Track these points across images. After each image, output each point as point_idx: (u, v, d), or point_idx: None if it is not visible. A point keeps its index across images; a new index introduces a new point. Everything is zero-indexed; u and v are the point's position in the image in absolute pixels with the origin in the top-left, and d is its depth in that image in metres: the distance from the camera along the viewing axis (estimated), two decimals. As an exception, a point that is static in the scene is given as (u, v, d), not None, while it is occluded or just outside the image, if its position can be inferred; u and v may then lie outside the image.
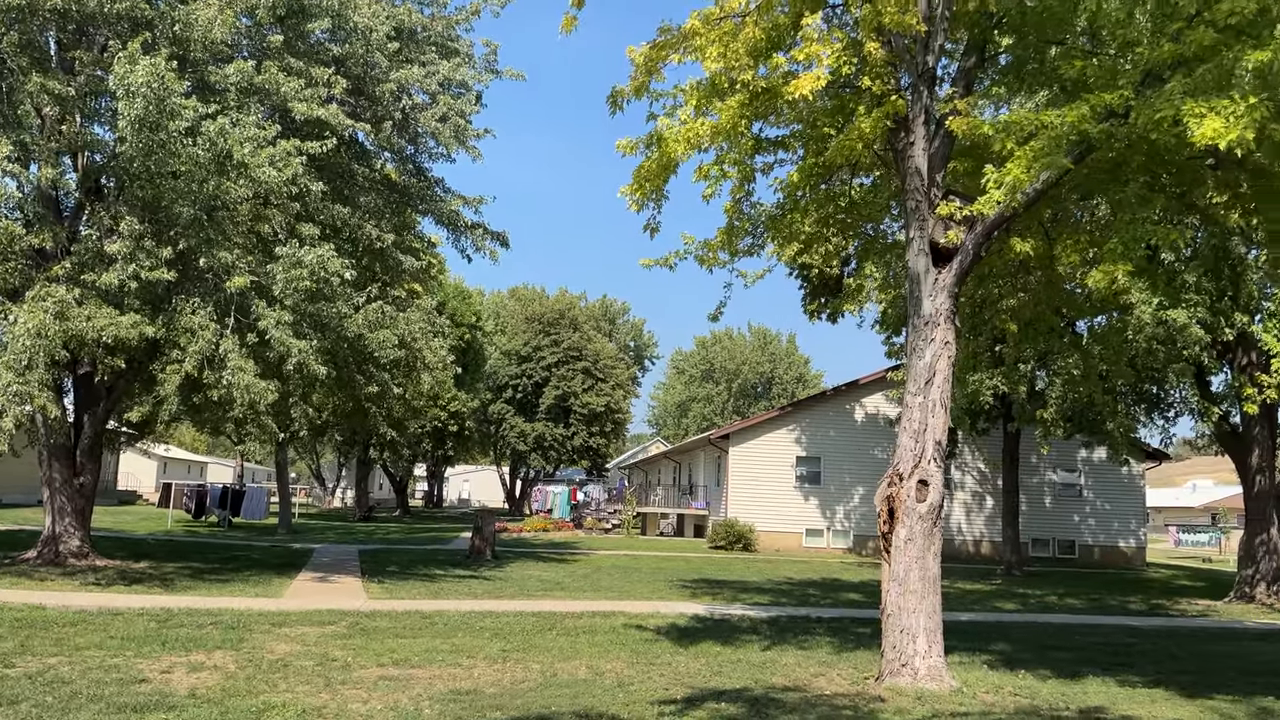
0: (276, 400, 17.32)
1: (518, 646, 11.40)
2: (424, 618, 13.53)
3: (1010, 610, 18.16)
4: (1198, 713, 8.91)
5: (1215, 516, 66.46)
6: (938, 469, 9.95)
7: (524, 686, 9.11)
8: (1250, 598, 21.78)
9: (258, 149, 15.19)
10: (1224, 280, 19.49)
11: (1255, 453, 22.51)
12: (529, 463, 58.86)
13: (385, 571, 20.33)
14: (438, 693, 8.68)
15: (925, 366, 10.11)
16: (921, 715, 8.16)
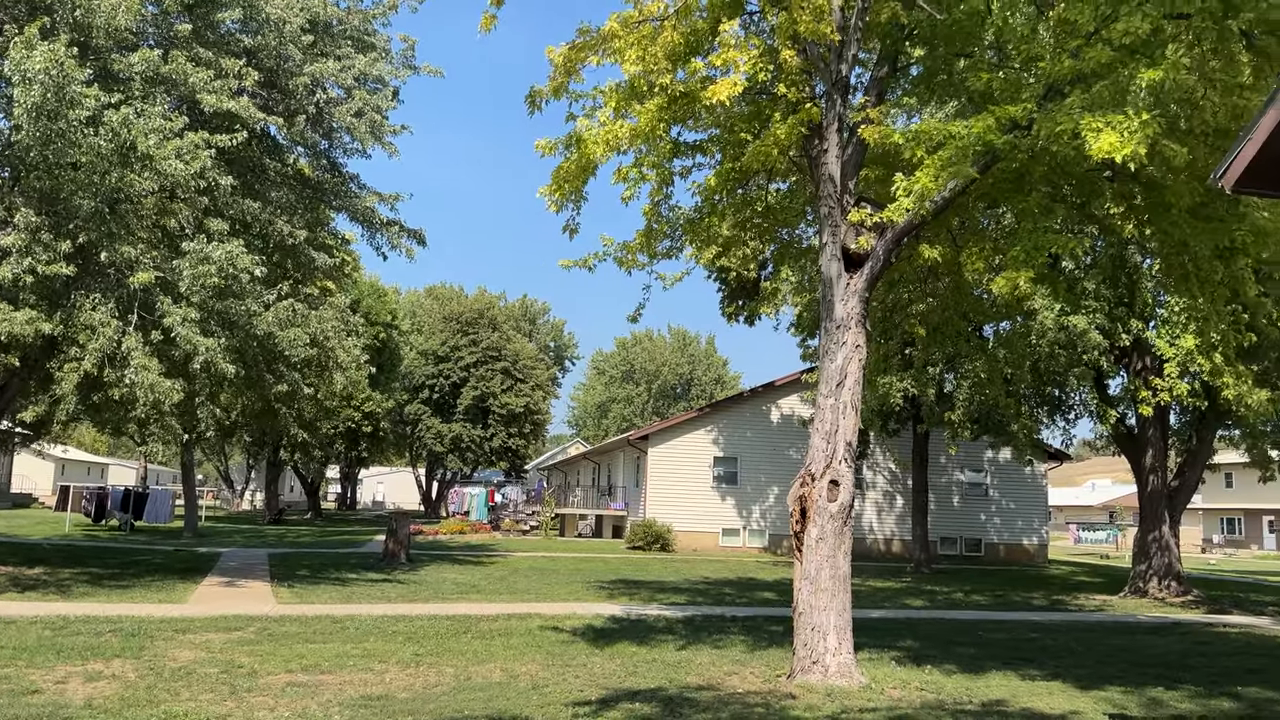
0: (182, 400, 16.81)
1: (431, 650, 11.26)
2: (335, 622, 13.27)
3: (919, 607, 18.63)
4: (1092, 704, 9.27)
5: (1113, 514, 69.23)
6: (849, 469, 10.16)
7: (437, 691, 9.01)
8: (1144, 592, 22.74)
9: (164, 140, 14.72)
10: (1121, 288, 20.31)
11: (1149, 453, 23.53)
12: (446, 464, 58.20)
13: (296, 575, 19.87)
14: (348, 699, 8.53)
15: (837, 369, 10.32)
16: (831, 711, 8.32)
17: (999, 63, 10.77)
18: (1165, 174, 9.70)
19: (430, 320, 58.15)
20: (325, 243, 19.89)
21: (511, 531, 41.41)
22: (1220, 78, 8.99)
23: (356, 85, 18.74)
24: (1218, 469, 52.91)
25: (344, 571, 21.15)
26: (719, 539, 35.24)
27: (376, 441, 54.17)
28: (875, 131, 9.89)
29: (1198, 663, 12.41)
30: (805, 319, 25.73)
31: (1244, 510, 65.30)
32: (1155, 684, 10.51)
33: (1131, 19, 8.39)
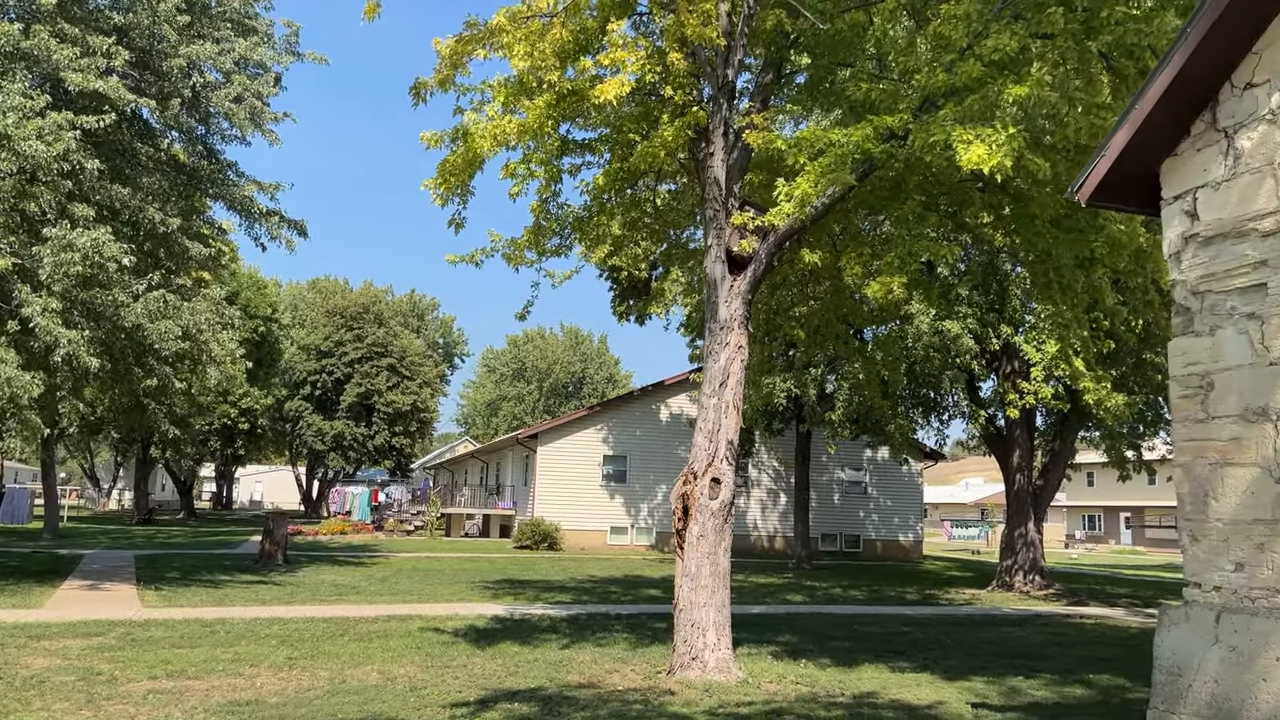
0: (42, 394, 15.93)
1: (306, 653, 10.96)
2: (204, 626, 12.79)
3: (798, 602, 19.06)
4: (957, 694, 9.66)
5: (984, 512, 72.23)
6: (730, 467, 10.33)
7: (310, 695, 8.78)
8: (1010, 586, 23.80)
9: (23, 120, 13.92)
10: (992, 295, 21.21)
11: (1016, 453, 24.65)
12: (328, 463, 56.73)
13: (164, 578, 19.05)
14: (215, 704, 8.23)
15: (720, 369, 10.47)
16: (708, 706, 8.44)
17: (879, 74, 11.11)
18: (1031, 186, 10.17)
19: (313, 314, 56.58)
20: (200, 232, 19.13)
21: (395, 532, 40.64)
22: (1081, 96, 9.48)
23: (236, 69, 18.09)
24: (1080, 468, 55.77)
25: (216, 573, 20.39)
26: (607, 537, 35.35)
27: (254, 439, 52.41)
28: (759, 137, 10.07)
29: (1055, 653, 13.06)
30: (694, 319, 26.02)
31: (1104, 507, 69.07)
32: (1016, 674, 11.01)
33: (1001, 36, 8.78)
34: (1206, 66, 5.60)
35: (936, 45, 9.84)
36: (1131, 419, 23.90)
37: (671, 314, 26.73)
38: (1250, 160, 5.45)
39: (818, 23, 10.29)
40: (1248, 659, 5.07)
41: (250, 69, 18.55)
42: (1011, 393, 20.82)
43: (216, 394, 34.64)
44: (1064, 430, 25.31)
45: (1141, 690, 9.36)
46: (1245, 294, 5.39)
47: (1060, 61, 9.41)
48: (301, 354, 53.28)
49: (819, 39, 10.86)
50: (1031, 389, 19.85)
